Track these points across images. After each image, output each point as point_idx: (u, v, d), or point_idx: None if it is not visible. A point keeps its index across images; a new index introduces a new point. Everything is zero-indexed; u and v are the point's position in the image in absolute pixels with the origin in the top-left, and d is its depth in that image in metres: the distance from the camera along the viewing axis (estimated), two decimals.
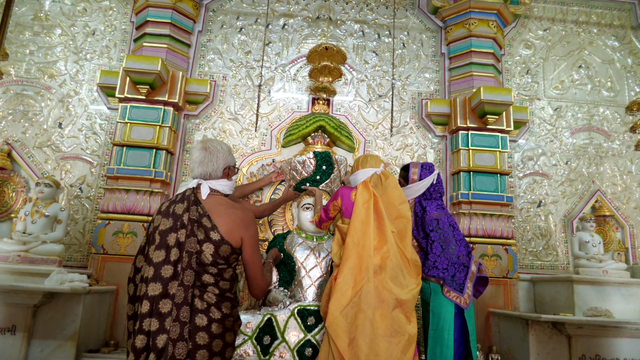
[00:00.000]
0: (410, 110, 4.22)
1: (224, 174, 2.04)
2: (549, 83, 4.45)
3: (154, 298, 1.81)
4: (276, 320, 2.82)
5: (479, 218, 3.74)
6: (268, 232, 3.73)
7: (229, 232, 1.86)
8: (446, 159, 4.10)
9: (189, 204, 1.93)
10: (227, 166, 2.04)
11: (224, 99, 4.07)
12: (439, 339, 2.41)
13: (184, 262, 1.83)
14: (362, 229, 2.32)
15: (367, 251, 2.24)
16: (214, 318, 1.86)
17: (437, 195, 2.84)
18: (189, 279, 1.82)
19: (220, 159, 2.03)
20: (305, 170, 3.41)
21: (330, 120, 3.76)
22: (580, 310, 3.20)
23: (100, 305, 3.15)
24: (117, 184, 3.56)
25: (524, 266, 3.97)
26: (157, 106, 3.69)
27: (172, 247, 1.84)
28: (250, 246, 1.91)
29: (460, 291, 2.49)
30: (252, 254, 1.92)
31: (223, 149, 2.05)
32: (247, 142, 3.98)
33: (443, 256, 2.57)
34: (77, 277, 2.86)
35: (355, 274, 2.18)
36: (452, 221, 2.70)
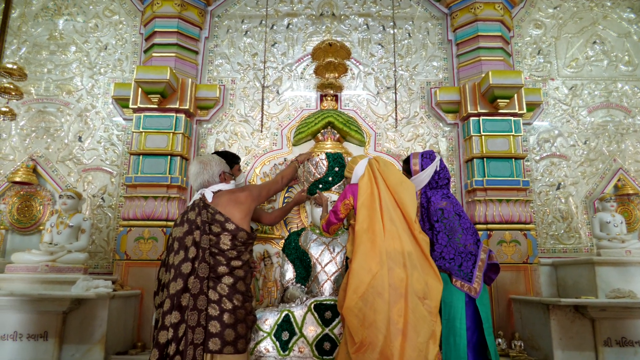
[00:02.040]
0: (420, 100, 4.19)
1: (221, 179, 2.37)
2: (563, 62, 4.34)
3: (175, 295, 2.01)
4: (294, 316, 2.87)
5: (495, 204, 3.69)
6: (284, 230, 3.79)
7: (242, 220, 2.22)
8: (459, 146, 4.05)
9: (200, 209, 2.20)
10: (222, 172, 2.39)
11: (233, 102, 4.14)
12: (452, 328, 2.40)
13: (200, 258, 2.06)
14: (369, 215, 2.34)
15: (378, 235, 2.26)
16: (225, 308, 2.04)
17: (443, 183, 2.80)
18: (204, 271, 2.05)
19: (214, 167, 2.38)
20: (318, 171, 3.45)
21: (338, 116, 3.78)
22: (602, 292, 3.13)
23: (125, 309, 3.27)
24: (135, 191, 3.68)
25: (546, 250, 3.90)
26: (169, 114, 3.79)
27: (190, 246, 2.08)
28: (260, 196, 2.42)
29: (468, 280, 2.47)
30: (264, 195, 2.49)
31: (215, 158, 2.42)
32: (259, 143, 4.03)
33: (450, 246, 2.55)
34: (102, 283, 2.98)
35: (369, 259, 2.20)
36: (458, 209, 2.67)
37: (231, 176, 2.50)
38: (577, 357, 2.91)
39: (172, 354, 1.93)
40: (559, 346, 2.92)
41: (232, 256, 2.16)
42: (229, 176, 2.45)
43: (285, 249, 3.43)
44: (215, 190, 2.33)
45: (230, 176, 2.49)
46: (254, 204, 2.37)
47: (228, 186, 2.40)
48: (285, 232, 3.77)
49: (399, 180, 2.54)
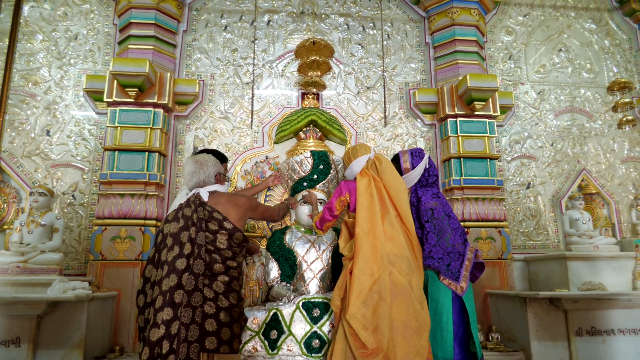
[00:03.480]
0: (399, 101, 4.27)
1: (217, 179, 2.34)
2: (531, 67, 4.55)
3: (168, 291, 1.95)
4: (282, 315, 2.84)
5: (471, 203, 3.82)
6: (265, 229, 3.75)
7: (239, 221, 2.20)
8: (436, 146, 4.16)
9: (196, 206, 2.16)
10: (218, 172, 2.36)
11: (213, 98, 4.06)
12: (438, 322, 2.46)
13: (195, 254, 2.02)
14: (370, 217, 2.34)
15: (379, 239, 2.27)
16: (222, 306, 2.01)
17: (432, 180, 2.84)
18: (199, 267, 2.01)
19: (210, 167, 2.34)
20: (303, 169, 3.43)
21: (321, 114, 3.79)
22: (574, 285, 3.31)
23: (103, 311, 3.13)
24: (111, 189, 3.53)
25: (517, 247, 4.08)
26: (146, 108, 3.66)
27: (185, 242, 2.04)
28: (256, 210, 2.38)
29: (456, 279, 2.53)
30: (260, 211, 2.44)
31: (211, 159, 2.38)
32: (239, 140, 3.98)
33: (438, 246, 2.60)
34: (79, 284, 2.84)
35: (371, 263, 2.20)
36: (448, 210, 2.72)
37: (225, 178, 2.46)
38: (551, 346, 3.07)
39: (164, 353, 1.85)
40: (535, 337, 3.06)
41: (228, 256, 2.12)
42: (224, 177, 2.43)
43: (270, 247, 3.39)
44: (211, 191, 2.30)
45: (225, 178, 2.44)
46: (250, 212, 2.34)
47: (223, 188, 2.37)
48: (267, 231, 3.74)
49: (397, 183, 2.56)
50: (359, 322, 2.11)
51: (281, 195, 3.83)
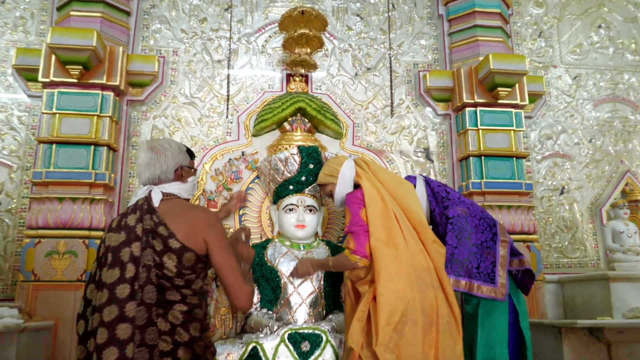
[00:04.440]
0: (406, 85, 4.27)
1: (177, 175, 2.16)
2: (565, 47, 4.62)
3: (110, 324, 1.85)
4: (263, 350, 2.81)
5: (494, 211, 3.84)
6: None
7: (189, 237, 1.98)
8: (451, 141, 4.18)
9: (142, 213, 2.02)
10: (179, 166, 2.17)
11: (176, 79, 4.03)
12: (490, 354, 2.49)
13: (142, 278, 1.91)
14: (386, 225, 2.36)
15: (402, 251, 2.29)
16: (180, 341, 1.94)
17: (447, 196, 2.90)
18: (151, 295, 1.91)
19: (169, 158, 2.16)
20: (288, 169, 3.40)
21: (311, 101, 3.77)
22: (619, 312, 3.34)
23: (36, 345, 3.06)
24: (47, 191, 3.46)
25: (549, 265, 4.12)
26: (93, 91, 3.61)
27: (127, 262, 1.92)
28: (218, 249, 2.01)
29: (491, 281, 2.56)
30: (222, 258, 2.02)
31: (172, 147, 2.19)
32: (209, 131, 3.94)
33: (461, 246, 2.65)
34: (6, 311, 2.77)
35: (397, 280, 2.21)
36: (471, 210, 2.79)
37: (191, 171, 2.26)
38: None
39: None
40: None
41: (180, 284, 2.01)
42: (188, 171, 2.23)
43: None
44: (167, 193, 2.14)
45: (190, 171, 2.24)
46: (207, 233, 2.02)
47: (184, 188, 2.21)
48: None
49: (397, 182, 2.59)
50: (391, 353, 2.11)
51: (260, 201, 3.80)
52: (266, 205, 3.79)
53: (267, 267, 3.30)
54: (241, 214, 3.76)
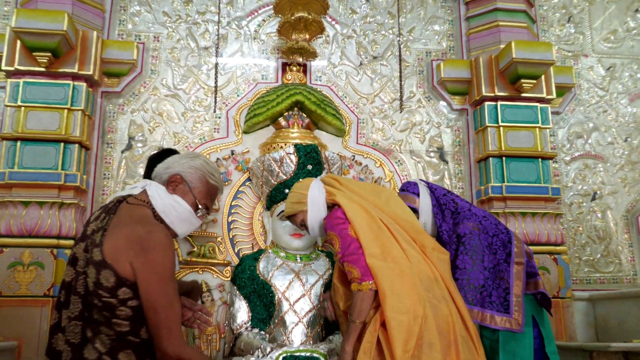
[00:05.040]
0: (417, 76, 4.29)
1: (169, 181, 2.06)
2: (598, 33, 4.63)
3: (51, 331, 1.88)
4: None
5: (516, 219, 3.85)
6: (230, 253, 3.74)
7: (114, 252, 1.82)
8: (468, 140, 4.19)
9: (105, 212, 1.99)
10: (177, 174, 2.06)
11: (157, 69, 4.04)
12: None
13: (73, 286, 1.88)
14: (376, 237, 2.33)
15: (403, 263, 2.27)
16: None
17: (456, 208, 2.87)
18: (74, 308, 1.86)
19: (177, 161, 2.09)
20: (284, 170, 3.42)
21: (310, 94, 3.79)
22: None
23: None
24: (10, 194, 3.47)
25: (579, 280, 4.12)
26: (63, 81, 3.62)
27: (68, 263, 1.93)
28: (148, 279, 1.81)
29: (505, 311, 2.55)
30: (152, 291, 1.81)
31: (194, 160, 2.09)
32: (194, 127, 3.96)
33: (475, 270, 2.63)
34: None
35: (405, 297, 2.19)
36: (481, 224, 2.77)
37: (189, 195, 2.04)
38: None
39: None
40: None
41: (99, 305, 1.88)
42: (182, 190, 2.05)
43: (237, 279, 3.37)
44: (139, 195, 2.04)
45: (184, 191, 2.04)
46: (139, 260, 1.83)
47: (166, 200, 2.08)
48: (234, 257, 3.73)
49: (374, 191, 2.59)
50: None
51: (252, 207, 3.81)
52: (258, 211, 3.80)
53: (259, 282, 3.30)
54: (230, 221, 3.78)
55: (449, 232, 2.76)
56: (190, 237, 3.67)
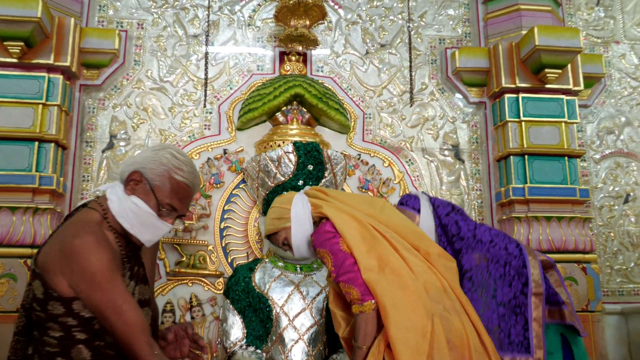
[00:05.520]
0: (429, 66, 4.28)
1: (127, 180, 2.00)
2: (630, 17, 4.62)
3: None
4: None
5: (540, 224, 3.84)
6: (223, 263, 3.75)
7: (44, 262, 1.82)
8: (486, 137, 4.18)
9: (65, 218, 2.03)
10: (136, 171, 1.99)
11: (141, 59, 4.05)
12: None
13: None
14: (371, 248, 2.29)
15: (403, 273, 2.24)
16: None
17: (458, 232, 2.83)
18: (19, 322, 1.87)
19: (139, 157, 2.04)
20: (282, 171, 3.41)
21: (310, 86, 3.78)
22: None
23: None
24: None
25: (610, 292, 4.11)
26: (37, 73, 3.63)
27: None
28: (81, 289, 1.80)
29: (526, 351, 2.53)
30: (91, 302, 1.80)
31: (158, 153, 2.03)
32: (182, 124, 3.96)
33: (488, 309, 2.60)
34: None
35: (410, 312, 2.17)
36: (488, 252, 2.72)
37: (145, 190, 1.98)
38: None
39: None
40: None
41: (34, 320, 1.87)
42: (143, 189, 1.98)
43: (230, 292, 3.36)
44: (98, 199, 2.03)
45: (145, 190, 1.97)
46: (65, 272, 1.82)
47: (123, 202, 1.96)
48: (226, 267, 3.73)
49: (366, 202, 2.55)
50: None
51: (247, 211, 3.81)
52: (254, 216, 3.80)
53: (255, 295, 3.30)
54: (222, 228, 3.77)
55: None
56: (178, 246, 3.68)
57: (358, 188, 3.97)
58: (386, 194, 3.96)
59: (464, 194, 4.15)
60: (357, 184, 3.98)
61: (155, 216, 1.94)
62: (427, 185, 4.10)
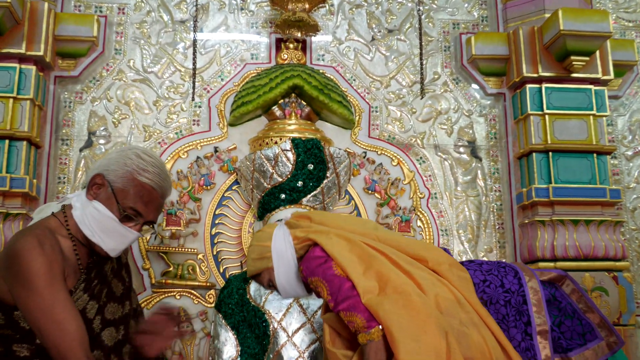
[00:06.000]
0: (442, 54, 4.28)
1: (90, 184, 2.04)
2: None
3: None
4: None
5: (567, 228, 3.82)
6: (214, 273, 3.74)
7: None
8: (506, 132, 4.18)
9: None
10: (98, 174, 2.02)
11: (122, 47, 4.06)
12: None
13: None
14: (368, 265, 2.26)
15: (408, 288, 2.22)
16: None
17: None
18: None
19: (103, 159, 2.08)
20: (279, 171, 3.41)
21: (310, 77, 3.78)
22: None
23: None
24: None
25: None
26: (7, 64, 3.64)
27: None
28: (17, 294, 1.82)
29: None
30: (25, 310, 1.82)
31: (122, 154, 2.07)
32: (169, 119, 3.97)
33: None
34: None
35: (420, 335, 2.12)
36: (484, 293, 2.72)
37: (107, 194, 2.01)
38: None
39: None
40: None
41: None
42: (105, 194, 2.01)
43: (223, 305, 3.37)
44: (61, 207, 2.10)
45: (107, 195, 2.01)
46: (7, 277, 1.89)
47: (86, 209, 2.00)
48: (218, 278, 3.73)
49: (358, 222, 2.57)
50: None
51: (241, 215, 3.81)
52: (249, 221, 3.80)
53: (250, 308, 3.30)
54: (214, 234, 3.77)
55: None
56: (164, 255, 3.67)
57: (364, 189, 3.95)
58: (395, 196, 3.94)
59: (481, 196, 4.13)
60: (363, 184, 3.96)
61: (117, 222, 1.96)
62: (441, 186, 4.09)
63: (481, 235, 4.09)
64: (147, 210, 2.00)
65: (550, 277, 2.64)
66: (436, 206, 4.05)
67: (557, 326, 2.60)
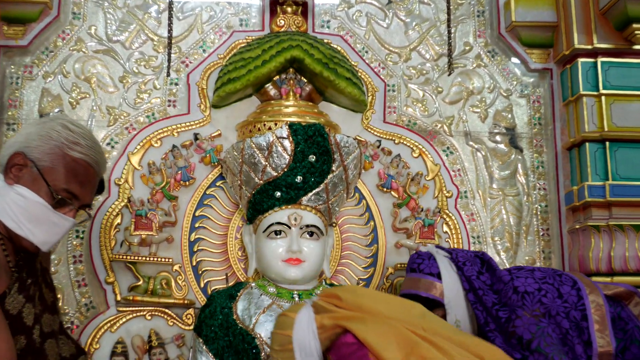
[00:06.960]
0: (475, 20, 4.30)
1: (8, 166, 2.07)
2: None
3: None
4: None
5: (626, 235, 3.83)
6: (193, 288, 3.76)
7: None
8: (553, 117, 4.20)
9: None
10: (18, 152, 2.06)
11: (82, 11, 4.06)
12: None
13: None
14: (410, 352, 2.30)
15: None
16: None
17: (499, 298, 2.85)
18: None
19: (21, 135, 2.13)
20: (274, 164, 3.40)
21: (313, 48, 3.78)
22: None
23: None
24: None
25: None
26: None
27: None
28: None
29: None
30: None
31: (44, 126, 2.10)
32: (138, 99, 3.98)
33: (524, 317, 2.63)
34: None
35: None
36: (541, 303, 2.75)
37: (33, 175, 2.06)
38: None
39: None
40: None
41: None
42: (29, 175, 2.06)
43: (204, 328, 3.37)
44: None
45: (32, 176, 2.06)
46: None
47: (6, 196, 2.04)
48: (198, 294, 3.75)
49: (401, 305, 2.61)
50: None
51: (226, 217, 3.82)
52: (236, 224, 3.80)
53: (237, 331, 3.30)
54: (193, 240, 3.77)
55: (503, 336, 2.73)
56: (132, 265, 3.66)
57: (377, 187, 3.96)
58: (416, 195, 3.93)
59: (522, 195, 4.14)
60: (376, 180, 3.96)
61: (49, 208, 1.99)
62: (472, 182, 4.10)
63: (521, 243, 4.10)
64: (84, 192, 2.04)
65: (617, 292, 2.66)
66: (466, 207, 4.06)
67: (620, 352, 2.62)
